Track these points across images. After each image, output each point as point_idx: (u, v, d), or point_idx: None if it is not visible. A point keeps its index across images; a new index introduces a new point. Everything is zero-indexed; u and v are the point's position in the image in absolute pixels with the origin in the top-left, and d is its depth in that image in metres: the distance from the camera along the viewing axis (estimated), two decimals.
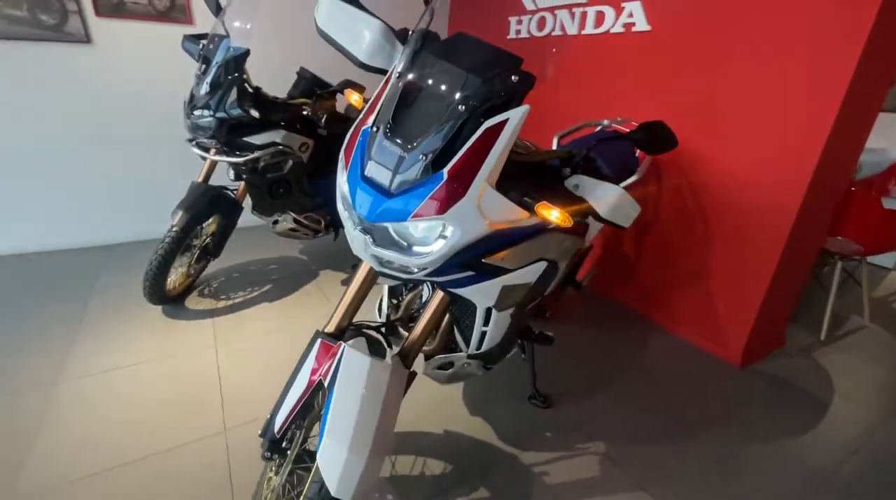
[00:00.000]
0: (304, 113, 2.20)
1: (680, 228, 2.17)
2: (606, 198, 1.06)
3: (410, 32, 0.95)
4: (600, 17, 2.33)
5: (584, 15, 2.41)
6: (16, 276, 2.50)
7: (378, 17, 1.06)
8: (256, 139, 2.07)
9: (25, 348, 1.90)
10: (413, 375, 1.09)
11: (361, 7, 1.06)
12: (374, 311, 1.42)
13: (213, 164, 2.19)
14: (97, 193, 2.88)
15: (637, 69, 2.23)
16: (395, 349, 1.26)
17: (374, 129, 0.88)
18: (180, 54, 2.23)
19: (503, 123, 0.80)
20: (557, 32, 2.60)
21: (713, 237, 2.04)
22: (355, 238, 0.89)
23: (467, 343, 1.19)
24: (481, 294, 0.95)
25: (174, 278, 2.25)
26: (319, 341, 0.99)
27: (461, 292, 0.92)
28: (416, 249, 0.83)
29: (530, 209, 0.83)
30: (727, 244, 1.99)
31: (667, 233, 2.25)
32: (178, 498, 1.29)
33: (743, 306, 1.97)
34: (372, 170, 0.85)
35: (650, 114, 2.20)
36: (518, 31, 2.89)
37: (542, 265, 1.01)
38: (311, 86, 2.31)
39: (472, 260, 0.88)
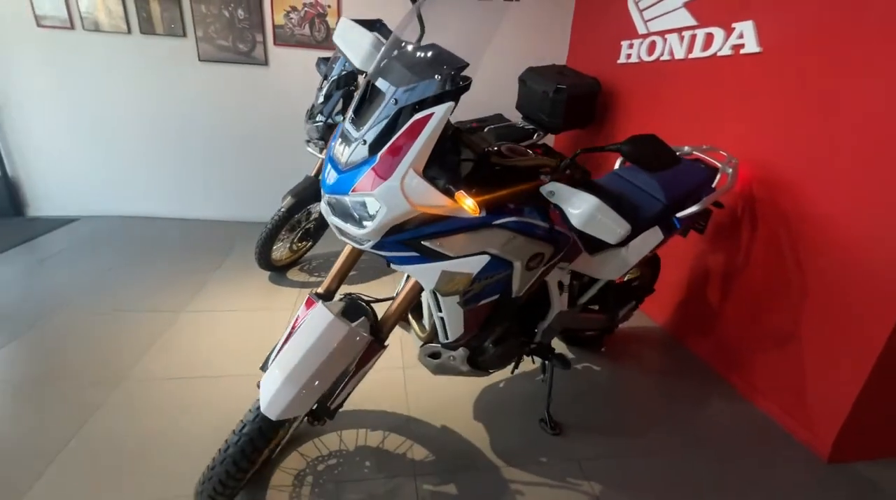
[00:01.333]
0: None
1: (772, 280, 1.84)
2: (580, 207, 1.05)
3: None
4: (709, 40, 2.14)
5: (693, 38, 2.25)
6: (178, 234, 3.36)
7: (377, 32, 1.25)
8: None
9: (171, 283, 2.56)
10: (378, 347, 1.22)
11: (364, 24, 1.26)
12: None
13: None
14: (246, 179, 3.67)
15: (739, 96, 1.99)
16: (412, 333, 1.38)
17: (344, 118, 1.06)
18: None
19: (429, 116, 0.90)
20: (666, 57, 2.46)
21: (810, 297, 1.69)
22: (323, 208, 1.06)
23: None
24: (423, 276, 1.03)
25: (282, 252, 2.76)
26: (307, 297, 1.19)
27: (406, 269, 1.02)
28: (364, 222, 0.97)
29: (450, 196, 0.91)
30: (826, 309, 1.63)
31: (756, 282, 1.92)
32: (222, 411, 1.63)
33: (839, 386, 1.59)
34: (335, 150, 1.02)
35: (749, 145, 1.94)
36: (629, 56, 2.80)
37: (485, 259, 1.04)
38: None
39: (413, 241, 0.98)
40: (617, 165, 1.90)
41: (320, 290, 1.24)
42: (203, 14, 3.18)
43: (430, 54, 0.99)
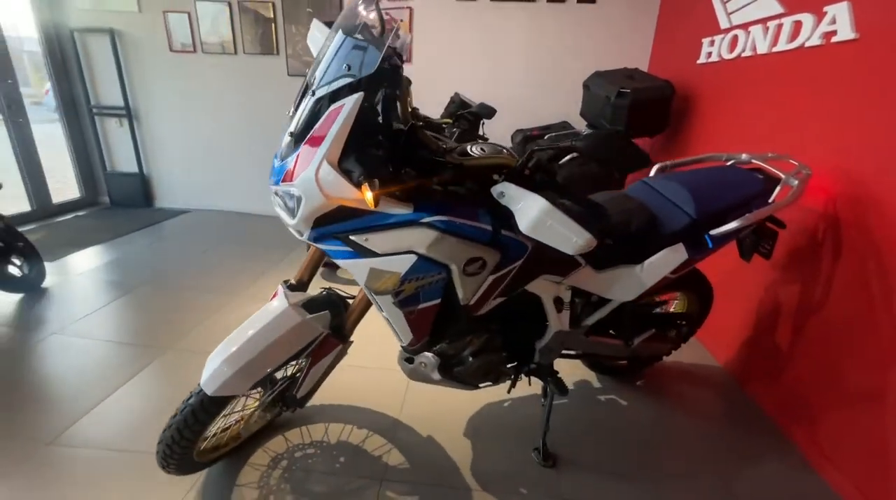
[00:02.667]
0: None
1: (856, 323, 1.45)
2: (528, 211, 0.95)
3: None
4: (796, 29, 1.79)
5: (778, 28, 1.90)
6: (261, 229, 3.75)
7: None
8: None
9: (239, 270, 2.88)
10: (337, 342, 1.22)
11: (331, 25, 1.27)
12: None
13: None
14: None
15: (828, 94, 1.62)
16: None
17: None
18: None
19: (341, 107, 0.87)
20: (747, 53, 2.11)
21: None
22: (272, 199, 1.10)
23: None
24: (354, 271, 1.01)
25: None
26: (279, 286, 1.25)
27: (340, 263, 1.01)
28: (294, 213, 0.98)
29: (358, 187, 0.87)
30: None
31: (836, 324, 1.53)
32: None
33: None
34: (280, 144, 1.05)
35: (834, 153, 1.57)
36: (709, 55, 2.46)
37: (411, 258, 0.97)
38: (457, 108, 2.62)
39: (342, 234, 0.96)
40: (652, 173, 1.67)
41: (292, 280, 1.29)
42: (292, 34, 3.56)
43: (352, 46, 0.96)
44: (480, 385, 1.45)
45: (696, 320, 1.84)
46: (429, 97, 3.04)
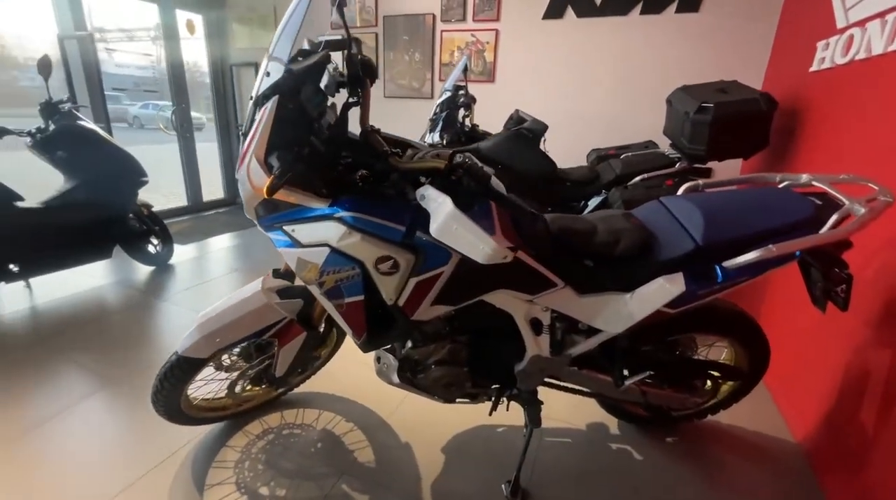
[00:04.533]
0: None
1: None
2: (437, 214, 0.93)
3: None
4: None
5: None
6: None
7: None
8: None
9: None
10: (301, 329, 1.31)
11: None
12: None
13: None
14: None
15: None
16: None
17: None
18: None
19: (265, 109, 0.95)
20: (861, 55, 1.70)
21: None
22: None
23: None
24: (287, 258, 1.06)
25: None
26: (270, 271, 1.40)
27: (279, 251, 1.08)
28: None
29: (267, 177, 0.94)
30: None
31: None
32: None
33: None
34: None
35: None
36: (822, 60, 2.03)
37: (325, 251, 0.99)
38: (514, 124, 2.59)
39: (278, 224, 1.05)
40: (680, 191, 1.44)
41: (281, 268, 1.43)
42: (391, 60, 3.92)
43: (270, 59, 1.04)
44: (454, 400, 1.41)
45: (744, 376, 1.51)
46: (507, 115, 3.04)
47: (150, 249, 3.05)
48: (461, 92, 2.64)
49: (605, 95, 3.33)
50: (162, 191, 6.09)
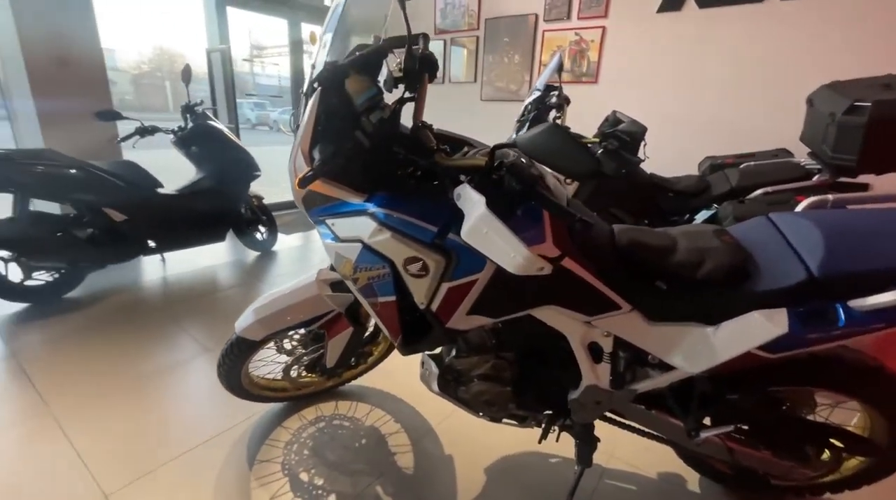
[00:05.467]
0: None
1: None
2: (469, 215, 0.85)
3: None
4: None
5: None
6: None
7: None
8: None
9: None
10: (348, 324, 1.32)
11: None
12: None
13: None
14: None
15: None
16: None
17: None
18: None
19: (309, 101, 0.94)
20: None
21: None
22: None
23: None
24: (328, 251, 1.05)
25: None
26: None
27: (323, 243, 1.08)
28: None
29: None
30: None
31: None
32: None
33: None
34: None
35: None
36: None
37: (357, 247, 0.95)
38: (610, 127, 2.35)
39: (322, 216, 1.04)
40: (800, 207, 1.14)
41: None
42: (490, 63, 3.88)
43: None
44: (498, 420, 1.31)
45: (880, 452, 1.16)
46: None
47: (258, 236, 3.40)
48: (553, 92, 2.48)
49: (726, 96, 2.89)
50: (281, 185, 6.83)
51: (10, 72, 2.90)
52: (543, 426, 1.31)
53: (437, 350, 1.28)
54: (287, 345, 1.51)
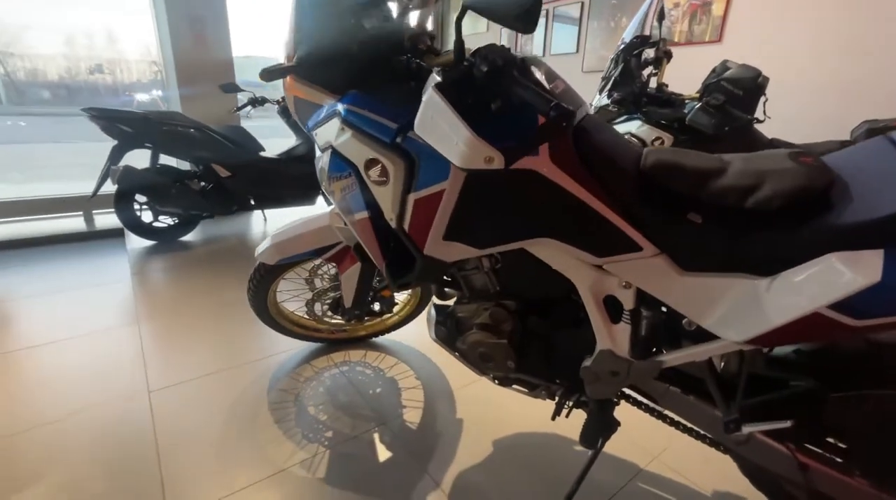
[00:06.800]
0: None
1: None
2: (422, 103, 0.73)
3: None
4: None
5: None
6: None
7: None
8: None
9: None
10: (355, 260, 1.28)
11: None
12: None
13: None
14: None
15: None
16: None
17: None
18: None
19: None
20: None
21: None
22: None
23: None
24: (316, 166, 1.01)
25: None
26: None
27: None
28: None
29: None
30: None
31: None
32: None
33: None
34: None
35: None
36: None
37: (329, 153, 0.87)
38: (716, 77, 1.93)
39: (312, 132, 0.99)
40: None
41: None
42: (594, 29, 3.53)
43: None
44: (505, 383, 1.15)
45: None
46: None
47: None
48: (651, 41, 2.12)
49: (885, 48, 2.19)
50: None
51: (167, 71, 3.52)
52: (557, 399, 1.11)
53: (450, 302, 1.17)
54: (307, 276, 1.54)
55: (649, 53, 2.14)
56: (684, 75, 2.83)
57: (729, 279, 0.75)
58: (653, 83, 2.18)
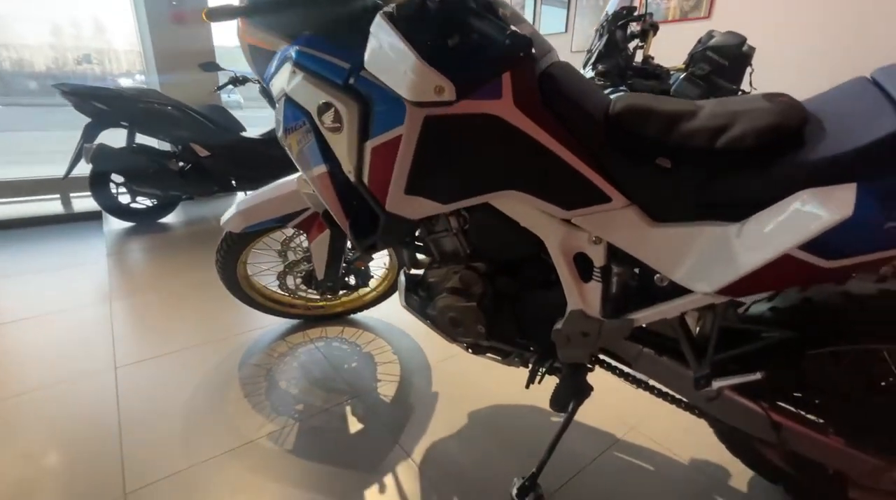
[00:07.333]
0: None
1: None
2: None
3: None
4: None
5: None
6: None
7: None
8: None
9: None
10: (325, 226, 1.23)
11: None
12: None
13: None
14: None
15: None
16: None
17: None
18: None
19: None
20: None
21: None
22: None
23: None
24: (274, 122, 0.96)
25: None
26: None
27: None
28: None
29: None
30: None
31: None
32: None
33: None
34: None
35: None
36: None
37: (283, 101, 0.83)
38: (702, 48, 1.89)
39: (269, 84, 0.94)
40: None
41: None
42: (583, 8, 3.47)
43: None
44: (477, 350, 1.11)
45: None
46: None
47: None
48: (636, 13, 2.08)
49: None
50: None
51: (146, 49, 3.43)
52: (531, 366, 1.08)
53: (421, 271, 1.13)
54: (279, 248, 1.49)
55: (635, 27, 2.09)
56: (676, 53, 2.78)
57: (699, 228, 0.72)
58: (639, 57, 2.13)
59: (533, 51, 0.75)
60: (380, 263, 1.80)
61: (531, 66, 0.74)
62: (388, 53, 0.66)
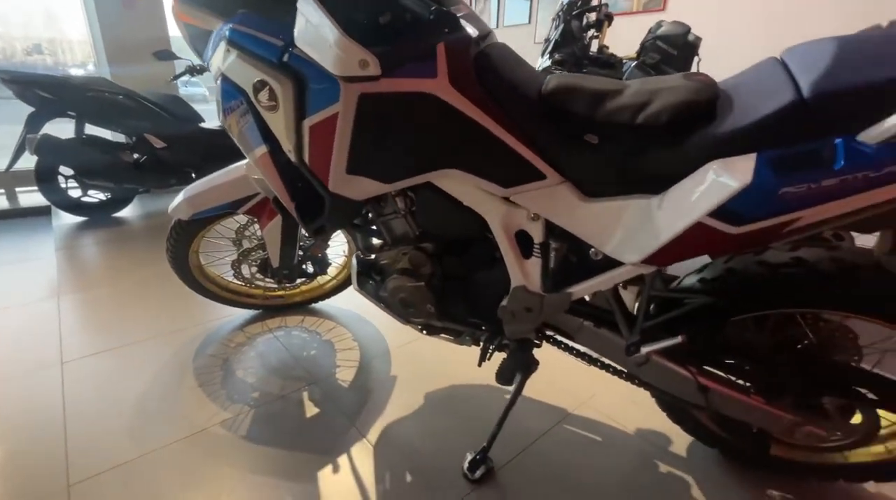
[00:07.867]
0: None
1: None
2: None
3: None
4: None
5: None
6: None
7: None
8: None
9: None
10: (275, 212, 1.22)
11: None
12: None
13: None
14: None
15: None
16: None
17: None
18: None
19: None
20: None
21: None
22: None
23: None
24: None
25: None
26: None
27: None
28: None
29: None
30: None
31: None
32: None
33: None
34: None
35: None
36: None
37: (220, 80, 0.82)
38: (652, 38, 1.95)
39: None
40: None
41: None
42: (547, 1, 3.51)
43: None
44: (430, 330, 1.13)
45: None
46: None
47: None
48: (591, 3, 2.12)
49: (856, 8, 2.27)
50: None
51: (94, 37, 3.28)
52: (482, 344, 1.10)
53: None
54: (234, 236, 1.47)
55: (591, 17, 2.14)
56: (637, 44, 2.85)
57: (626, 201, 0.75)
58: (595, 46, 2.18)
59: (467, 30, 0.77)
60: (339, 250, 1.80)
61: (466, 46, 0.75)
62: (314, 29, 0.66)
